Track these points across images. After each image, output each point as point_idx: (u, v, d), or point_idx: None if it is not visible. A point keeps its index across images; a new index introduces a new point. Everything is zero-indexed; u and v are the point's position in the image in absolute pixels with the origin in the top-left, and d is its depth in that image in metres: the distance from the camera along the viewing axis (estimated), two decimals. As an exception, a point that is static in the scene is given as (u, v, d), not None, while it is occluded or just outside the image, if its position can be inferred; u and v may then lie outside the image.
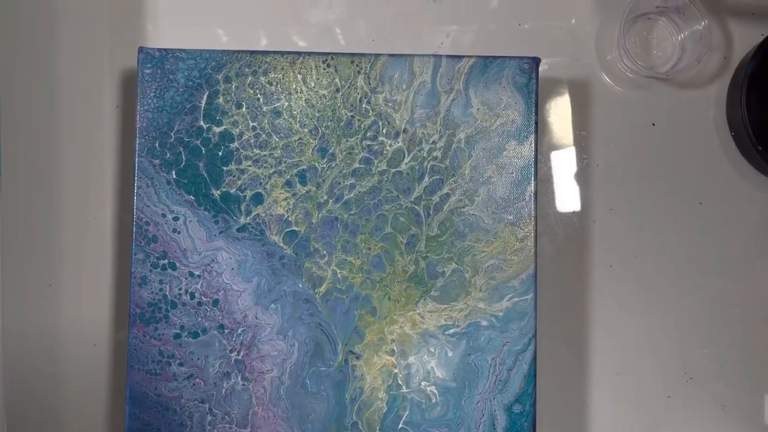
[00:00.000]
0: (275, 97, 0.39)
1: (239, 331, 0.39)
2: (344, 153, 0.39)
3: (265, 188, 0.39)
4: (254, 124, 0.39)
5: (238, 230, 0.39)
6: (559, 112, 0.45)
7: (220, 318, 0.39)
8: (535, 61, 0.40)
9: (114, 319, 0.43)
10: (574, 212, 0.44)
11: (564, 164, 0.45)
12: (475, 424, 0.39)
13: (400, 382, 0.39)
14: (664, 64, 0.45)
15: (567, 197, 0.45)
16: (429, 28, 0.45)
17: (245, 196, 0.39)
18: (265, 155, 0.39)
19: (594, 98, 0.45)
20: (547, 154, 0.44)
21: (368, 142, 0.39)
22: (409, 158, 0.40)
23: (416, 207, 0.39)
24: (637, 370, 0.44)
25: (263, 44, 0.44)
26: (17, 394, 0.43)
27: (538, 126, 0.40)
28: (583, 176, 0.45)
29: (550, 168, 0.45)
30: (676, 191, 0.45)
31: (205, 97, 0.39)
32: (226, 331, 0.39)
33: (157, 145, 0.39)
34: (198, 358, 0.39)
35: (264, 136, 0.39)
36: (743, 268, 0.45)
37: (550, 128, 0.45)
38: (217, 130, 0.39)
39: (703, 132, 0.45)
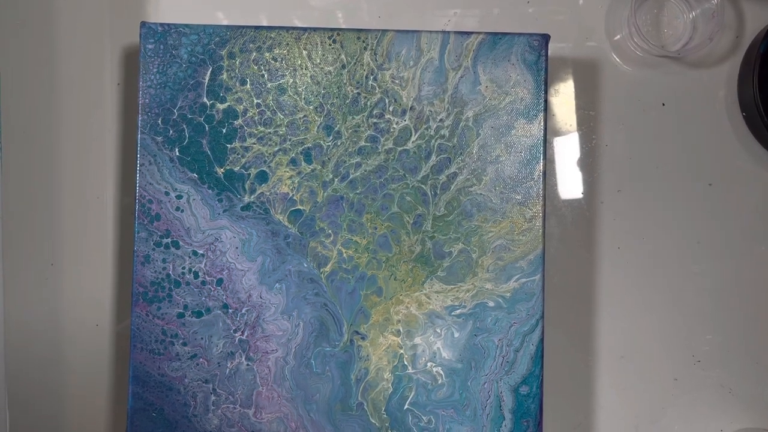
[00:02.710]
0: (280, 73, 0.39)
1: (243, 310, 0.38)
2: (350, 131, 0.39)
3: (269, 166, 0.39)
4: (258, 100, 0.39)
5: (242, 209, 0.38)
6: (568, 92, 0.44)
7: (224, 297, 0.38)
8: (545, 38, 0.39)
9: (117, 299, 0.43)
10: (581, 193, 0.44)
11: (572, 145, 0.44)
12: (482, 405, 0.38)
13: (405, 362, 0.39)
14: (675, 42, 0.44)
15: (575, 178, 0.44)
16: (432, 12, 0.44)
17: (249, 174, 0.39)
18: (269, 133, 0.39)
19: (603, 78, 0.44)
20: (555, 134, 0.44)
21: (374, 120, 0.39)
22: (416, 136, 0.39)
23: (423, 186, 0.39)
24: (644, 353, 0.44)
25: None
26: (19, 375, 0.42)
27: (548, 105, 0.39)
28: (591, 157, 0.44)
29: (557, 148, 0.44)
30: (686, 172, 0.44)
31: (208, 73, 0.39)
32: (230, 310, 0.38)
33: (159, 122, 0.38)
34: (202, 338, 0.38)
35: (268, 113, 0.39)
36: (754, 250, 0.44)
37: (559, 108, 0.44)
38: (220, 106, 0.39)
39: (714, 112, 0.44)
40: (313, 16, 0.44)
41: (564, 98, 0.44)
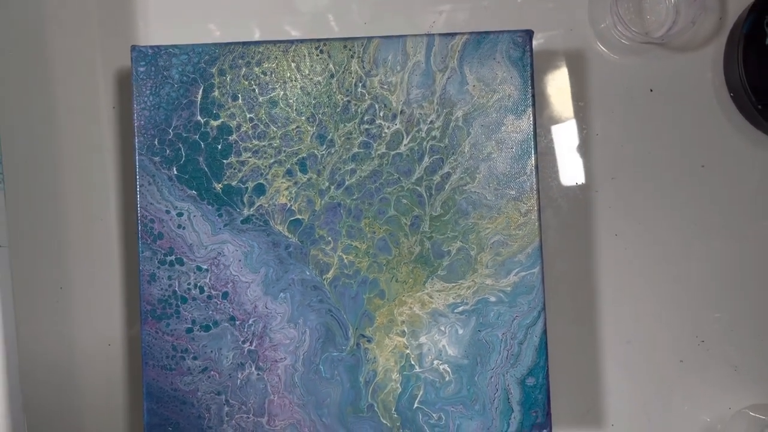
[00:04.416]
0: (270, 86, 0.39)
1: (250, 321, 0.39)
2: (343, 138, 0.39)
3: (266, 179, 0.39)
4: (251, 115, 0.39)
5: (242, 222, 0.39)
6: (556, 84, 0.45)
7: (231, 310, 0.39)
8: (529, 34, 0.40)
9: (127, 318, 0.43)
10: (576, 184, 0.44)
11: (563, 136, 0.45)
12: (490, 400, 0.39)
13: (412, 362, 0.39)
14: (659, 28, 0.44)
15: (568, 169, 0.44)
16: (422, 8, 0.44)
17: (247, 187, 0.39)
18: (264, 146, 0.39)
19: (590, 68, 0.45)
20: (546, 126, 0.44)
21: (366, 126, 0.39)
22: (407, 140, 0.40)
23: (418, 188, 0.39)
24: (648, 337, 0.44)
25: (256, 37, 0.44)
26: (35, 399, 0.43)
27: (535, 99, 0.40)
28: (583, 147, 0.44)
29: (549, 141, 0.44)
30: (678, 156, 0.44)
31: (200, 91, 0.39)
32: (237, 322, 0.39)
33: (156, 142, 0.39)
34: (211, 351, 0.39)
35: (262, 126, 0.39)
36: (750, 228, 0.44)
37: (548, 101, 0.44)
38: (214, 123, 0.39)
39: (702, 94, 0.44)
40: (305, 22, 0.44)
41: (552, 91, 0.45)
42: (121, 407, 0.43)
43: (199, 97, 0.39)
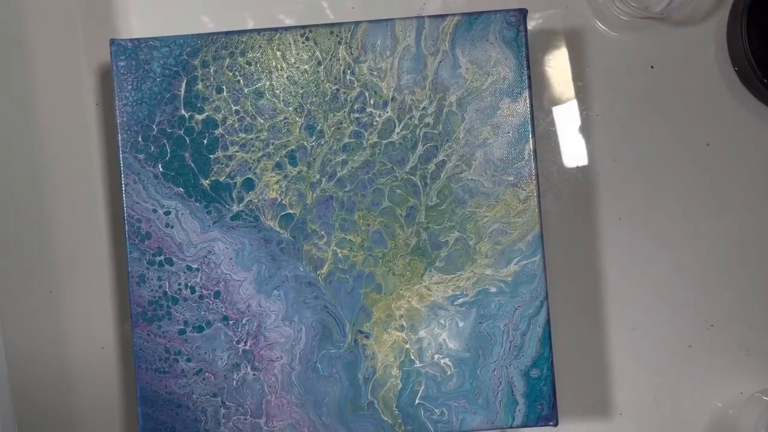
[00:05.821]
0: (256, 77, 0.38)
1: (244, 320, 0.38)
2: (332, 128, 0.38)
3: (255, 173, 0.38)
4: (237, 107, 0.38)
5: (232, 219, 0.38)
6: (554, 65, 0.43)
7: (223, 309, 0.38)
8: (522, 13, 0.38)
9: (119, 320, 0.42)
10: (577, 167, 0.43)
11: (563, 118, 0.43)
12: (493, 393, 0.38)
13: (412, 357, 0.38)
14: (659, 2, 0.43)
15: (568, 152, 0.43)
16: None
17: (235, 183, 0.38)
18: (251, 139, 0.38)
19: (589, 46, 0.43)
20: (545, 109, 0.43)
21: (356, 115, 0.38)
22: (400, 127, 0.38)
23: (412, 177, 0.38)
24: (655, 323, 0.43)
25: (250, 27, 0.43)
26: (28, 405, 0.42)
27: (531, 80, 0.38)
28: (583, 129, 0.43)
29: (548, 123, 0.43)
30: (682, 134, 0.43)
31: (183, 84, 0.38)
32: (231, 322, 0.38)
33: (140, 139, 0.38)
34: (205, 352, 0.38)
35: (248, 119, 0.38)
36: (758, 206, 0.43)
37: (545, 82, 0.43)
38: (199, 117, 0.38)
39: (705, 70, 0.43)
40: (299, 11, 0.42)
41: (550, 71, 0.43)
42: (116, 412, 0.42)
43: (183, 90, 0.38)
